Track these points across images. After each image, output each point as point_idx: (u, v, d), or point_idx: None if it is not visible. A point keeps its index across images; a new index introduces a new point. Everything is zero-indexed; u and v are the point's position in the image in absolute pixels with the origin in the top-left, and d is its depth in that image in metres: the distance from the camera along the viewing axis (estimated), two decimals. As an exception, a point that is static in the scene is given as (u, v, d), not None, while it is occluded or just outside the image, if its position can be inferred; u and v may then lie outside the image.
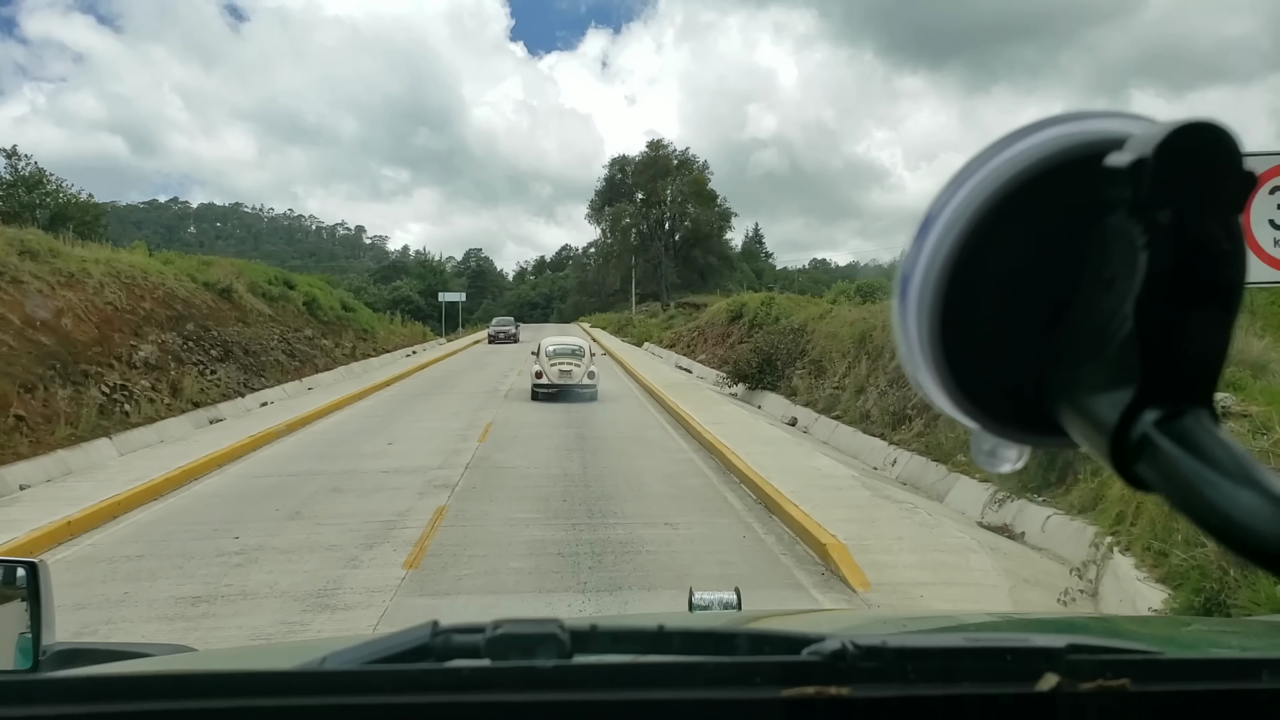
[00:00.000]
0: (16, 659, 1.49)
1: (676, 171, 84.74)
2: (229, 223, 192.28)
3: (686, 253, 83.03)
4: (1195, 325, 0.43)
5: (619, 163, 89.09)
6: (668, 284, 79.61)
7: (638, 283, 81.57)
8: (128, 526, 9.16)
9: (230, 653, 2.40)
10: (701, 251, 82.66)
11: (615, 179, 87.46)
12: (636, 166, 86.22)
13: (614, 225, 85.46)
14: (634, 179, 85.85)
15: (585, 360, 20.95)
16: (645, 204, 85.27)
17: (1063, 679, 0.65)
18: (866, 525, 8.68)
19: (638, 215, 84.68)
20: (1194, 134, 0.42)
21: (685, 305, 61.39)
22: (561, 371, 20.50)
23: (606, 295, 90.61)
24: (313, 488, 10.81)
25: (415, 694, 0.62)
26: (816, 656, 0.66)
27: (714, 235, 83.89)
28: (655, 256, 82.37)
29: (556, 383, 20.46)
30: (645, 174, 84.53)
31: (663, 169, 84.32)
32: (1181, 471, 0.42)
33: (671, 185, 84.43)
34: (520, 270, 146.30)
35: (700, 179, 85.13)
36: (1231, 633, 1.39)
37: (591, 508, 9.83)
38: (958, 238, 0.47)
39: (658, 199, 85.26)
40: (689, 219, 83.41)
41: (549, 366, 20.56)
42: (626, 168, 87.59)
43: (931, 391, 0.50)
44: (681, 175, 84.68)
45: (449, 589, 7.01)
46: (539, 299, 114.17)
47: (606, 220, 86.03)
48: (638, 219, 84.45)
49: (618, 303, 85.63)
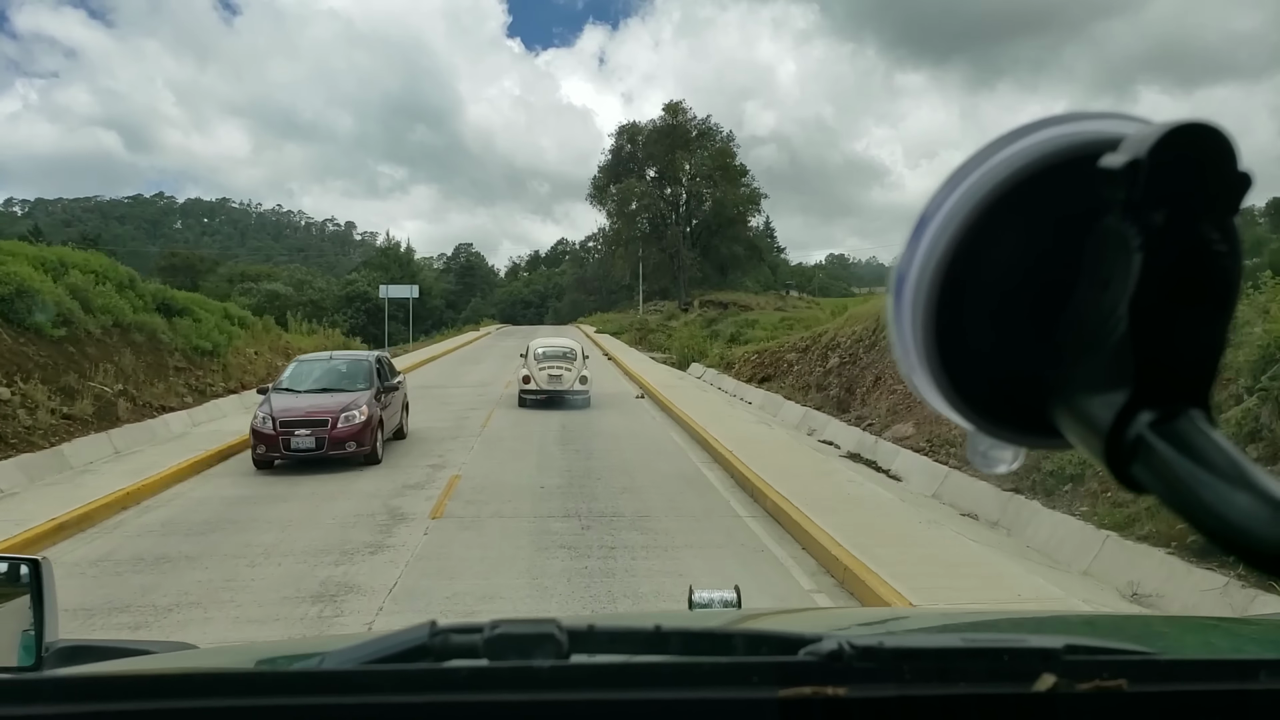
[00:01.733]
0: (19, 656, 1.50)
1: (696, 143, 70.49)
2: (216, 218, 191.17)
3: (706, 241, 70.09)
4: (1190, 326, 0.43)
5: (628, 132, 72.83)
6: (685, 279, 67.35)
7: (646, 277, 69.24)
8: None
9: (231, 650, 2.40)
10: (724, 240, 69.57)
11: (623, 151, 72.62)
12: (649, 137, 71.15)
13: (621, 206, 71.07)
14: (646, 151, 71.31)
15: (577, 363, 19.29)
16: (659, 181, 71.78)
17: (1060, 679, 0.65)
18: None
19: (650, 194, 70.76)
20: (1189, 135, 0.42)
21: (711, 305, 53.05)
22: (551, 376, 18.81)
23: (608, 293, 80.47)
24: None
25: (413, 694, 0.63)
26: (813, 657, 0.66)
27: (739, 221, 70.12)
28: (672, 245, 69.11)
29: (545, 388, 18.74)
30: (660, 145, 69.87)
31: (680, 139, 69.66)
32: (1176, 473, 0.42)
33: (691, 160, 69.90)
34: (513, 266, 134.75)
35: (726, 151, 70.69)
36: (1228, 633, 1.39)
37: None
38: (953, 237, 0.47)
39: (674, 176, 71.10)
40: (711, 200, 70.00)
41: (537, 370, 18.87)
42: (637, 138, 72.15)
43: (926, 392, 0.50)
44: (703, 147, 70.41)
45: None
46: (533, 297, 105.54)
47: (612, 201, 71.46)
48: (650, 198, 70.64)
49: (620, 301, 76.46)
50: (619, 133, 74.01)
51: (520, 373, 19.22)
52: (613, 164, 72.76)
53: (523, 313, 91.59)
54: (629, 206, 70.74)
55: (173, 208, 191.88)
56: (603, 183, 72.61)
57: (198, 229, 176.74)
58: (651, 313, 61.69)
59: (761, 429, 15.71)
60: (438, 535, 8.71)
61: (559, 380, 18.80)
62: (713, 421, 15.76)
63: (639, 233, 70.25)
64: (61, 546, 8.35)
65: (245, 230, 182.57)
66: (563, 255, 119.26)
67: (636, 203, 70.61)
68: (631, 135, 72.54)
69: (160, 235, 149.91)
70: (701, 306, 53.18)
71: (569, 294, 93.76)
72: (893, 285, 0.50)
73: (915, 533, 8.59)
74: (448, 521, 9.25)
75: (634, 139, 72.32)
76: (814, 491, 10.09)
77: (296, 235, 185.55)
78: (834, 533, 8.27)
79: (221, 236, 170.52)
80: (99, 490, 10.19)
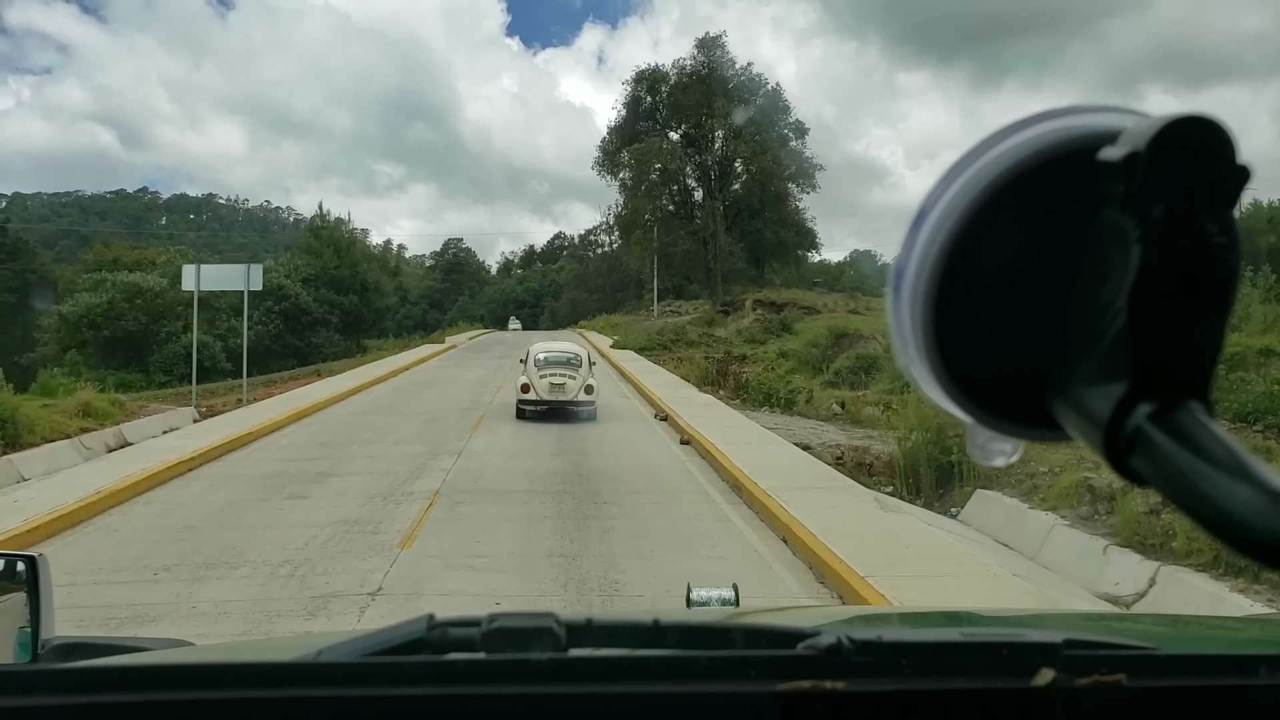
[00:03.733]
0: (16, 652, 1.50)
1: (733, 95, 52.95)
2: (202, 214, 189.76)
3: (744, 224, 54.20)
4: (1189, 319, 0.44)
5: (648, 79, 55.39)
6: (721, 271, 52.38)
7: (670, 269, 53.88)
8: None
9: (228, 646, 2.41)
10: (768, 223, 53.40)
11: (641, 105, 55.42)
12: (676, 85, 54.13)
13: (639, 175, 53.54)
14: (671, 103, 54.28)
15: (582, 370, 17.04)
16: (687, 144, 54.69)
17: (1059, 674, 0.65)
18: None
19: (678, 157, 53.70)
20: (1188, 128, 0.42)
21: (765, 306, 40.55)
22: (553, 385, 16.60)
23: (613, 290, 63.35)
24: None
25: (411, 686, 0.63)
26: (811, 651, 0.66)
27: (785, 198, 53.40)
28: (705, 227, 52.95)
29: (546, 399, 16.50)
30: (690, 94, 52.76)
31: (719, 86, 52.20)
32: (1175, 465, 0.42)
33: (726, 120, 52.07)
34: (505, 262, 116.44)
35: (775, 105, 53.96)
36: (1228, 629, 1.40)
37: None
38: (951, 231, 0.47)
39: (706, 137, 53.89)
40: (755, 169, 52.52)
41: (538, 378, 16.64)
42: (660, 86, 54.98)
43: (925, 385, 0.51)
44: (744, 103, 52.87)
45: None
46: (527, 296, 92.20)
47: (626, 169, 53.95)
48: (678, 162, 53.63)
49: (628, 300, 60.77)
50: (637, 80, 55.82)
51: (519, 380, 17.08)
52: (628, 121, 55.01)
53: (517, 313, 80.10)
54: (649, 175, 53.44)
55: (157, 203, 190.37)
56: (613, 146, 55.02)
57: (183, 225, 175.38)
58: (668, 314, 48.27)
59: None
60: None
61: (561, 389, 16.65)
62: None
63: (661, 212, 53.62)
64: None
65: (231, 226, 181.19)
66: (559, 250, 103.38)
67: (660, 169, 53.11)
68: (653, 84, 54.81)
69: (143, 231, 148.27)
70: (756, 309, 40.48)
71: (568, 292, 79.97)
72: (891, 279, 0.50)
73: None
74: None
75: (655, 88, 54.78)
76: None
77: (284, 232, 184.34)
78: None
79: (207, 233, 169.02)
80: None
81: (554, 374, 16.75)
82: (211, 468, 12.34)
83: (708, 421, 16.20)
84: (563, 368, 16.93)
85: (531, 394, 16.56)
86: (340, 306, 41.42)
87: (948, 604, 7.14)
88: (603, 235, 69.58)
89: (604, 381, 19.98)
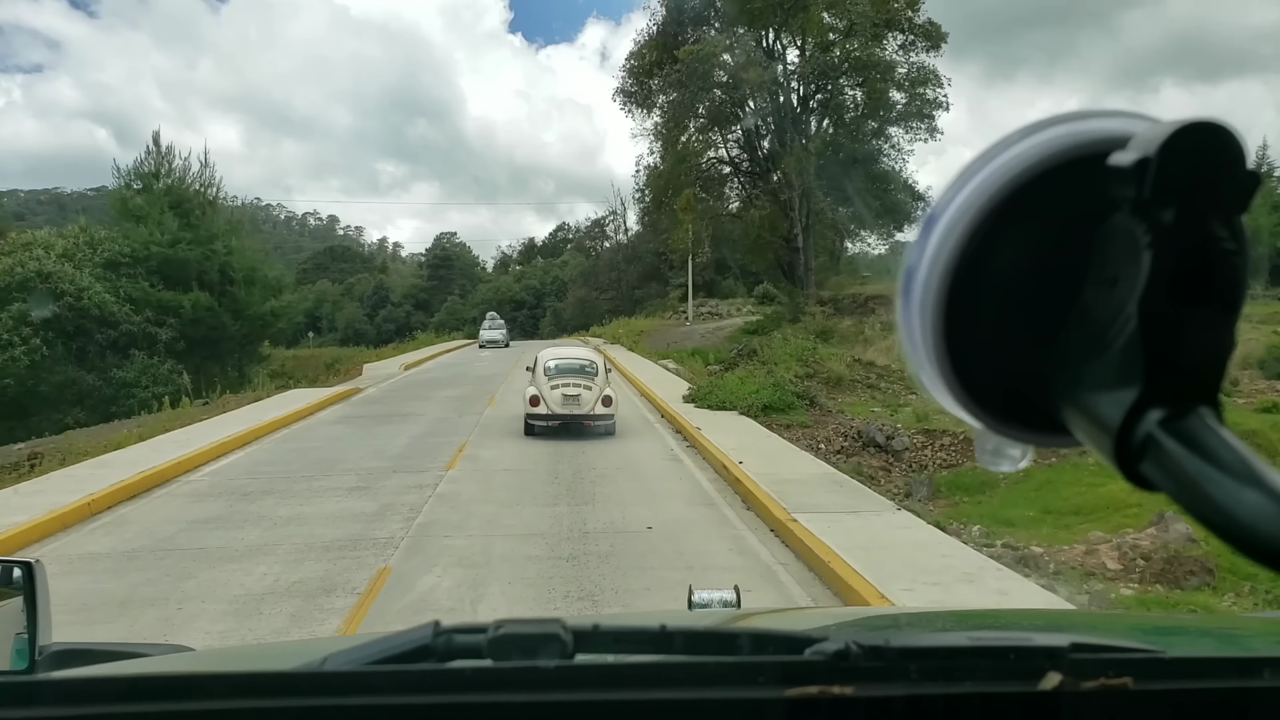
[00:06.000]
0: (13, 659, 1.49)
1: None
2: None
3: (836, 176, 34.93)
4: (1198, 324, 0.43)
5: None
6: (812, 246, 36.05)
7: (734, 248, 37.95)
8: None
9: (229, 652, 2.38)
10: (869, 177, 35.55)
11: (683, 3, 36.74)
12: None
13: (693, 94, 34.37)
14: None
15: (599, 380, 14.82)
16: (759, 48, 35.18)
17: (1066, 678, 0.65)
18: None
19: (756, 62, 34.02)
20: (1197, 133, 0.42)
21: (823, 302, 30.44)
22: (566, 397, 14.42)
23: (630, 287, 50.55)
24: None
25: (417, 695, 0.62)
26: (819, 656, 0.66)
27: (890, 147, 36.18)
28: (791, 179, 34.27)
29: (559, 412, 14.39)
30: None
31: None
32: (1186, 471, 0.42)
33: (819, 25, 34.13)
34: (502, 258, 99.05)
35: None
36: (1233, 631, 1.40)
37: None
38: (961, 236, 0.47)
39: (786, 34, 35.12)
40: (864, 95, 35.09)
41: (548, 390, 14.50)
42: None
43: (935, 390, 0.50)
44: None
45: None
46: (527, 295, 78.28)
47: (670, 87, 35.13)
48: (755, 67, 33.73)
49: (649, 299, 49.58)
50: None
51: (528, 392, 14.82)
52: (665, 30, 36.19)
53: (514, 315, 68.09)
54: (708, 91, 34.35)
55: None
56: (643, 68, 36.48)
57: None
58: (704, 316, 35.65)
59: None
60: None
61: (576, 401, 14.44)
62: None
63: (729, 153, 34.94)
64: None
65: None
66: (563, 243, 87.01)
67: (728, 82, 34.02)
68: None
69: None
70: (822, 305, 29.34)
71: (574, 290, 66.35)
72: (901, 283, 0.50)
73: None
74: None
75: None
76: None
77: (275, 231, 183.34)
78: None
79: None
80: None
81: (567, 384, 14.62)
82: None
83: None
84: (577, 376, 14.80)
85: (542, 407, 14.54)
86: (178, 312, 25.37)
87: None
88: (616, 219, 57.03)
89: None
